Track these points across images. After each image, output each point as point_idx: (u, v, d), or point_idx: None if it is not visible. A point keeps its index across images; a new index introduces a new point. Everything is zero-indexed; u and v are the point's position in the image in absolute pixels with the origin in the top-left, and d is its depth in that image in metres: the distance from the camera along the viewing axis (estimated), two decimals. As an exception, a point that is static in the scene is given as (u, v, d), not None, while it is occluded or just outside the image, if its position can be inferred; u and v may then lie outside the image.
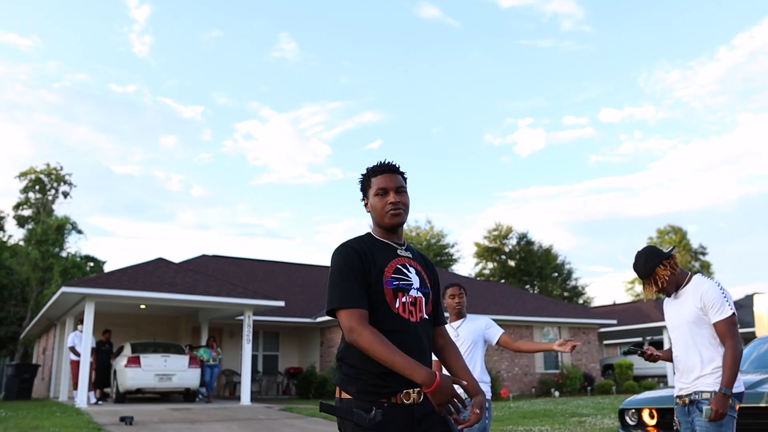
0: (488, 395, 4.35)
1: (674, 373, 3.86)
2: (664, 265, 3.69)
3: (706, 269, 75.89)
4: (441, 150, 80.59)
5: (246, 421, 11.19)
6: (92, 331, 14.11)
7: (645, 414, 5.18)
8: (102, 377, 14.99)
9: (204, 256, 24.33)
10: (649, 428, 5.11)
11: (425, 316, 2.47)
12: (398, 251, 2.54)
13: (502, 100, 70.22)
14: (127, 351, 14.91)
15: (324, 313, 20.26)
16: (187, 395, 14.91)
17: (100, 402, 14.37)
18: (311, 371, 19.54)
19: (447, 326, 4.40)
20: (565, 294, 61.21)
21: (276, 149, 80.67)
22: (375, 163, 2.59)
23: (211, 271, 19.76)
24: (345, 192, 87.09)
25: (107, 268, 39.85)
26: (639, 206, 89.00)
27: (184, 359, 14.49)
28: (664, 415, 5.01)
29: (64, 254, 35.45)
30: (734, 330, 3.47)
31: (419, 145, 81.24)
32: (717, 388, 3.38)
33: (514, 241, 59.59)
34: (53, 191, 38.14)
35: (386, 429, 2.25)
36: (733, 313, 3.51)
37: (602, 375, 25.29)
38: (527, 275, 59.35)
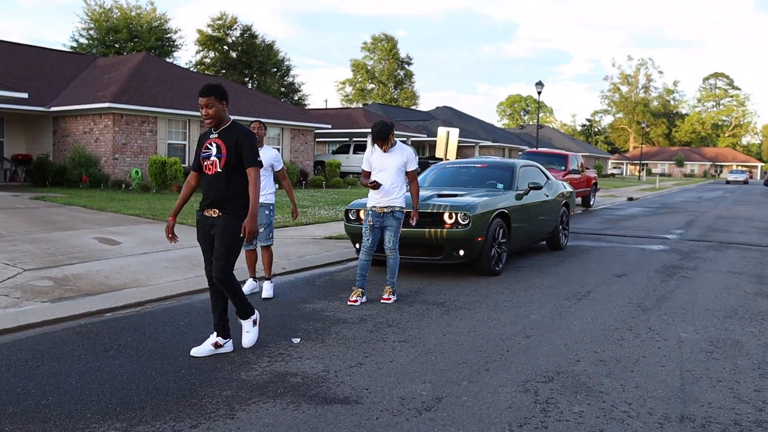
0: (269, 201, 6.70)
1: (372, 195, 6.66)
2: (392, 133, 6.38)
3: (408, 78, 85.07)
4: None
5: (10, 210, 12.10)
6: None
7: (361, 213, 8.15)
8: None
9: None
10: (363, 222, 8.10)
11: (219, 170, 4.44)
12: (210, 135, 4.54)
13: None
14: None
15: (60, 102, 20.01)
16: None
17: None
18: (44, 159, 19.67)
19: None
20: (282, 89, 64.28)
21: None
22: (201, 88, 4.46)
23: None
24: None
25: None
26: (358, 4, 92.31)
27: None
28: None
29: None
30: (416, 176, 6.44)
31: None
32: (403, 205, 6.35)
33: (237, 33, 59.35)
34: None
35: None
36: (417, 167, 6.43)
37: (314, 171, 29.47)
38: (248, 68, 60.50)
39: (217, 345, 4.61)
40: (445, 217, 7.50)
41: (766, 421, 3.55)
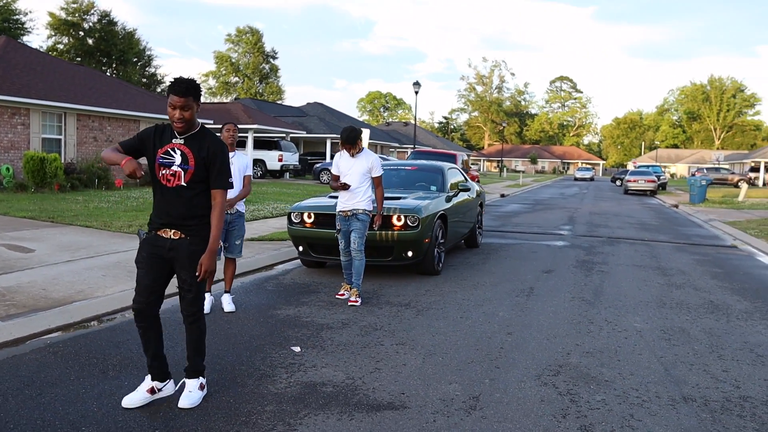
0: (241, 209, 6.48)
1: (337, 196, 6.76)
2: (360, 139, 6.51)
3: (274, 72, 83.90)
4: None
5: None
6: None
7: (305, 215, 8.13)
8: None
9: None
10: (307, 225, 8.10)
11: (183, 184, 3.67)
12: (174, 140, 3.71)
13: None
14: None
15: None
16: None
17: None
18: None
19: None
20: (144, 80, 61.03)
21: None
22: (173, 81, 3.59)
23: None
24: None
25: None
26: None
27: None
28: (318, 216, 8.03)
29: None
30: (381, 181, 6.64)
31: None
32: (367, 208, 6.52)
33: (95, 18, 55.53)
34: None
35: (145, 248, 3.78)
36: (381, 173, 6.63)
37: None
38: (107, 57, 56.86)
39: (153, 390, 3.83)
40: (395, 219, 7.71)
41: (749, 397, 4.15)
